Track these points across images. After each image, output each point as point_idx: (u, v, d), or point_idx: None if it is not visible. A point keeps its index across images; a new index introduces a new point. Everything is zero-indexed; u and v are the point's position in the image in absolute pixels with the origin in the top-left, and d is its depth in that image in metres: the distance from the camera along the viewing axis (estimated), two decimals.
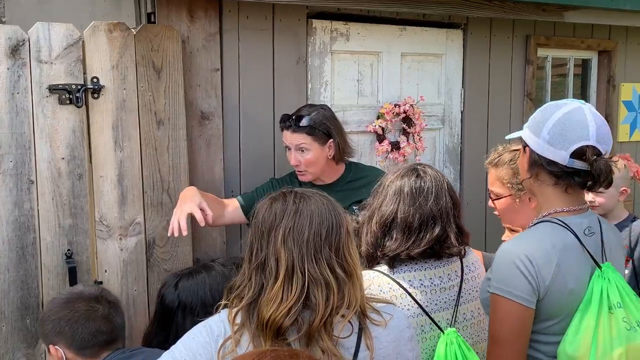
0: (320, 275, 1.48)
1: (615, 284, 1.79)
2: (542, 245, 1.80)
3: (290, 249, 1.48)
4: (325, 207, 1.55)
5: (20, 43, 2.55)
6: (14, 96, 2.56)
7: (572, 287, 1.79)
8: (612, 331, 1.74)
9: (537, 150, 1.86)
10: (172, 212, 2.83)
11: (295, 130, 2.75)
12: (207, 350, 1.48)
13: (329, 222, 1.53)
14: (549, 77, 4.33)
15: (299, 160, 2.77)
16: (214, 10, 2.99)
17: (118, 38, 2.71)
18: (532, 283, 1.77)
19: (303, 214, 1.52)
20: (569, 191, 1.86)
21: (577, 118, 1.81)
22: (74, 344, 2.06)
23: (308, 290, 1.46)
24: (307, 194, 1.57)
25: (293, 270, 1.47)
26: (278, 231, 1.50)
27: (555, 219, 1.86)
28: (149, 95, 2.79)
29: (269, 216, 1.54)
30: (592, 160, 1.77)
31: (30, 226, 2.62)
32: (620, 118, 4.55)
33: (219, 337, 1.49)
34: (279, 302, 1.45)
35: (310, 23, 3.28)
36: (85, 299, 2.13)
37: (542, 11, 3.79)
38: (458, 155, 3.86)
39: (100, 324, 2.08)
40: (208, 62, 2.98)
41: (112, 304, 2.16)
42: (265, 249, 1.51)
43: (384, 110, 3.49)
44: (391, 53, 3.55)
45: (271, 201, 1.58)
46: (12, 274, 2.60)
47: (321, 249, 1.50)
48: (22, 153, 2.59)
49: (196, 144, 2.98)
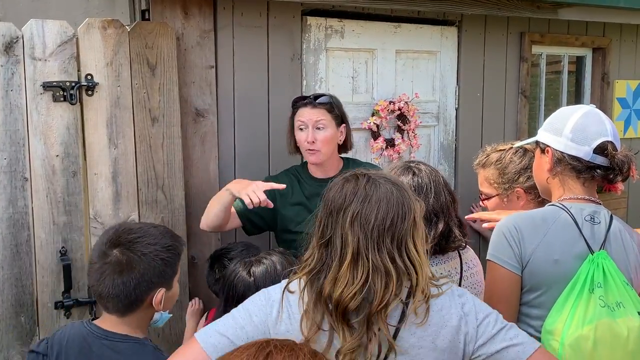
0: (382, 264, 1.51)
1: (603, 267, 1.89)
2: (532, 218, 2.00)
3: (357, 233, 1.52)
4: (394, 196, 1.57)
5: (14, 40, 2.55)
6: (7, 93, 2.55)
7: (557, 258, 1.92)
8: (588, 309, 1.85)
9: (559, 148, 2.01)
10: (166, 209, 2.85)
11: (315, 106, 2.76)
12: (262, 312, 1.58)
13: (395, 213, 1.55)
14: (543, 74, 4.33)
15: (315, 137, 2.75)
16: (208, 7, 2.98)
17: (112, 35, 2.70)
18: (514, 249, 1.96)
19: (372, 200, 1.55)
20: (586, 185, 2.02)
21: (595, 117, 2.00)
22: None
23: (368, 276, 1.51)
24: (379, 180, 1.60)
25: (359, 254, 1.52)
26: (347, 213, 1.54)
27: (558, 203, 2.02)
28: (143, 92, 2.79)
29: (339, 197, 1.58)
30: (612, 154, 1.95)
31: (24, 224, 2.62)
32: (614, 115, 4.56)
33: (274, 302, 1.59)
34: (346, 283, 1.50)
35: (305, 20, 3.28)
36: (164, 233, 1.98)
37: (537, 8, 3.80)
38: (453, 152, 3.87)
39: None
40: (202, 59, 2.98)
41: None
42: (332, 228, 1.56)
43: (379, 107, 3.49)
44: (386, 50, 3.55)
45: (343, 181, 1.62)
46: (7, 271, 2.60)
47: (384, 238, 1.53)
48: (16, 150, 2.58)
49: (191, 141, 2.98)
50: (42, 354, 1.88)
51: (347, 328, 1.50)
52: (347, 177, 1.63)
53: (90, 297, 2.71)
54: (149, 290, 1.85)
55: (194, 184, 2.99)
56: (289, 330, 1.54)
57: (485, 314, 1.61)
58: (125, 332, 1.86)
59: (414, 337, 1.54)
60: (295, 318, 1.56)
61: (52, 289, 2.68)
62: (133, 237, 1.86)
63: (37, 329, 2.67)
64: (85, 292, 2.72)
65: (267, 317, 1.57)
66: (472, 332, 1.57)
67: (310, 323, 1.52)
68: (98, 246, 1.88)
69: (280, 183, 2.78)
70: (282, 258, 2.25)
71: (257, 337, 1.51)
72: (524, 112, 4.04)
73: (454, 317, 1.57)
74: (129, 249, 1.84)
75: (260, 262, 2.22)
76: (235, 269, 2.21)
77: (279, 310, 1.57)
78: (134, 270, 1.82)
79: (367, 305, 1.49)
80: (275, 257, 2.25)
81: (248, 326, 1.56)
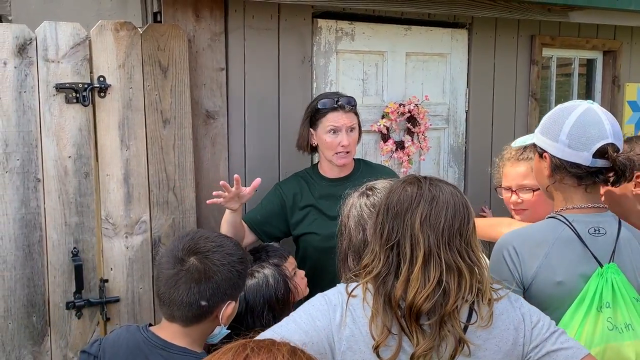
0: (454, 263, 1.53)
1: (612, 284, 1.81)
2: (533, 237, 1.88)
3: (427, 235, 1.54)
4: (458, 199, 1.60)
5: (28, 42, 2.57)
6: (21, 95, 2.57)
7: (560, 280, 1.82)
8: (596, 330, 1.78)
9: (557, 154, 1.89)
10: (177, 210, 2.87)
11: (348, 111, 2.79)
12: (325, 316, 1.56)
13: (462, 214, 1.58)
14: (553, 77, 4.32)
15: (350, 140, 2.78)
16: (219, 10, 3.00)
17: (125, 37, 2.72)
18: (514, 273, 1.85)
19: (439, 202, 1.57)
20: (588, 190, 1.90)
21: (592, 118, 1.85)
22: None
23: (442, 276, 1.52)
24: (440, 183, 1.62)
25: (430, 255, 1.53)
26: (415, 215, 1.56)
27: (560, 215, 1.90)
28: (155, 94, 2.80)
29: (405, 199, 1.58)
30: (614, 157, 1.81)
31: (36, 224, 2.64)
32: (625, 118, 4.55)
33: (336, 307, 1.57)
34: (419, 286, 1.50)
35: (316, 22, 3.28)
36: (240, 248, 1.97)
37: (548, 11, 3.79)
38: (463, 155, 3.86)
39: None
40: (213, 62, 3.00)
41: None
42: (399, 231, 1.56)
43: (389, 109, 3.49)
44: (396, 52, 3.55)
45: (405, 185, 1.62)
46: (19, 271, 2.61)
47: (454, 237, 1.55)
48: (28, 151, 2.60)
49: (201, 143, 2.99)
50: (94, 355, 1.85)
51: (419, 331, 1.51)
52: (408, 180, 1.64)
53: (102, 297, 2.73)
54: (221, 302, 1.82)
55: (204, 185, 3.00)
56: (353, 334, 1.54)
57: (538, 318, 1.63)
58: (185, 345, 1.80)
59: (480, 340, 1.55)
60: (361, 322, 1.54)
61: (64, 289, 2.69)
62: (212, 246, 1.84)
63: (48, 329, 2.68)
64: (96, 292, 2.74)
65: (331, 322, 1.55)
66: (528, 335, 1.60)
67: (380, 327, 1.52)
68: (171, 252, 1.84)
69: (289, 188, 2.84)
70: (275, 271, 2.23)
71: (321, 342, 1.52)
72: (534, 115, 4.03)
73: (514, 321, 1.60)
74: (208, 257, 1.81)
75: (253, 275, 2.19)
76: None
77: (342, 315, 1.56)
78: (211, 280, 1.79)
79: (439, 306, 1.50)
80: (268, 270, 2.23)
81: (312, 331, 1.54)
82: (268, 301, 2.17)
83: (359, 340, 1.52)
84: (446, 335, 1.50)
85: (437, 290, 1.50)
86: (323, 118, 2.79)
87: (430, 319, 1.51)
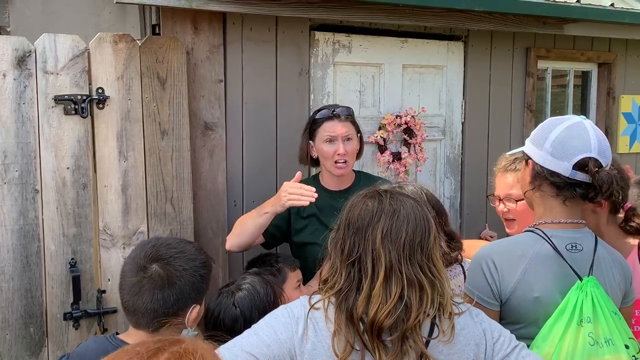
0: (415, 277, 1.52)
1: (592, 298, 1.81)
2: (511, 252, 1.87)
3: (389, 250, 1.53)
4: (419, 212, 1.59)
5: (27, 54, 2.59)
6: (20, 106, 2.59)
7: (538, 295, 1.82)
8: (577, 344, 1.77)
9: (539, 162, 1.89)
10: (175, 221, 2.87)
11: (344, 120, 2.79)
12: (287, 329, 1.54)
13: (422, 227, 1.57)
14: (549, 89, 4.36)
15: (347, 149, 2.78)
16: (217, 22, 3.02)
17: (123, 49, 2.74)
18: (492, 287, 1.85)
19: (401, 216, 1.56)
20: (567, 203, 1.89)
21: (579, 131, 1.85)
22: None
23: (403, 291, 1.51)
24: (401, 196, 1.62)
25: (392, 270, 1.51)
26: (376, 230, 1.54)
27: (538, 230, 1.90)
28: (153, 105, 2.82)
29: (366, 214, 1.57)
30: (594, 172, 1.80)
31: (34, 235, 2.64)
32: (620, 130, 4.58)
33: (299, 319, 1.56)
34: (381, 302, 1.49)
35: (313, 35, 3.31)
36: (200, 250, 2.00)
37: (543, 24, 3.83)
38: (459, 166, 3.88)
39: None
40: (212, 73, 3.02)
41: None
42: (361, 246, 1.55)
43: (386, 121, 3.52)
44: (393, 65, 3.58)
45: (365, 199, 1.61)
46: (17, 282, 2.62)
47: (415, 251, 1.54)
48: (27, 162, 2.62)
49: (199, 154, 3.00)
50: None
51: (382, 347, 1.49)
52: (368, 195, 1.63)
53: (99, 308, 2.73)
54: (186, 306, 1.84)
55: (202, 196, 3.01)
56: (315, 347, 1.52)
57: (499, 333, 1.63)
58: None
59: (441, 355, 1.54)
60: (323, 335, 1.53)
61: (62, 300, 2.70)
62: (173, 253, 1.86)
63: (45, 339, 2.68)
64: (93, 303, 2.75)
65: (293, 335, 1.54)
66: (489, 351, 1.59)
67: (343, 343, 1.50)
68: (134, 260, 1.86)
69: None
70: (259, 279, 2.23)
71: (283, 355, 1.51)
72: (530, 126, 4.05)
73: (475, 336, 1.59)
74: (170, 264, 1.83)
75: (241, 289, 2.19)
76: (220, 303, 2.18)
77: (304, 327, 1.54)
78: (174, 286, 1.81)
79: (401, 322, 1.49)
80: (252, 278, 2.24)
81: (274, 344, 1.52)
82: (263, 311, 2.18)
83: (321, 354, 1.51)
84: (408, 351, 1.49)
85: (398, 305, 1.49)
86: (320, 128, 2.81)
87: (392, 334, 1.49)
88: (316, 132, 2.82)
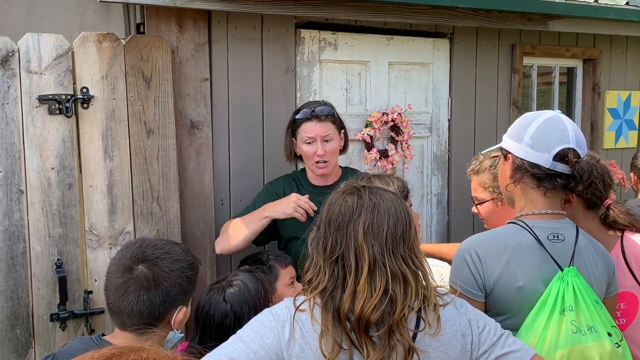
0: (399, 270, 1.53)
1: (574, 287, 1.84)
2: (494, 243, 1.91)
3: (371, 244, 1.53)
4: (399, 205, 1.60)
5: (10, 54, 2.57)
6: (3, 106, 2.57)
7: (521, 285, 1.86)
8: (560, 332, 1.81)
9: (520, 155, 1.94)
10: (161, 221, 2.86)
11: (321, 120, 2.79)
12: (274, 333, 1.53)
13: (403, 220, 1.58)
14: (534, 85, 4.38)
15: (325, 150, 2.78)
16: (202, 21, 3.01)
17: (107, 48, 2.73)
18: (476, 278, 1.88)
19: (381, 210, 1.56)
20: (548, 195, 1.94)
21: (556, 124, 1.92)
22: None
23: (387, 285, 1.51)
24: (380, 191, 1.62)
25: (375, 265, 1.52)
26: (358, 226, 1.54)
27: (520, 221, 1.94)
28: (138, 105, 2.81)
29: (346, 210, 1.57)
30: (574, 162, 1.86)
31: (20, 236, 2.62)
32: (605, 125, 4.61)
33: (285, 322, 1.55)
34: (366, 297, 1.49)
35: (299, 33, 3.31)
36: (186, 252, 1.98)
37: (527, 20, 3.85)
38: (446, 163, 3.90)
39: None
40: (197, 72, 3.01)
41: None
42: (343, 243, 1.55)
43: (372, 118, 3.52)
44: (379, 62, 3.59)
45: (345, 195, 1.61)
46: (2, 283, 2.60)
47: (397, 244, 1.55)
48: (11, 163, 2.60)
49: (186, 153, 2.99)
50: None
51: (369, 342, 1.49)
52: (347, 191, 1.63)
53: (86, 309, 2.72)
54: (172, 307, 1.83)
55: (189, 195, 3.00)
56: (303, 349, 1.52)
57: (485, 322, 1.64)
58: None
59: (429, 347, 1.55)
60: (310, 337, 1.53)
61: (48, 301, 2.68)
62: (160, 253, 1.84)
63: (32, 341, 2.67)
64: (80, 304, 2.73)
65: (280, 339, 1.52)
66: (476, 340, 1.60)
67: (331, 343, 1.49)
68: (120, 261, 1.84)
69: (280, 187, 2.88)
70: (250, 276, 2.23)
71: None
72: None
73: (461, 327, 1.60)
74: (156, 265, 1.81)
75: (232, 285, 2.18)
76: (210, 298, 2.18)
77: (291, 330, 1.53)
78: (160, 287, 1.79)
79: (387, 315, 1.49)
80: (243, 275, 2.23)
81: (261, 350, 1.50)
82: (253, 307, 2.18)
83: (310, 356, 1.51)
84: (396, 345, 1.49)
85: (384, 299, 1.49)
86: (299, 129, 2.83)
87: (379, 329, 1.49)
88: (297, 132, 2.84)
